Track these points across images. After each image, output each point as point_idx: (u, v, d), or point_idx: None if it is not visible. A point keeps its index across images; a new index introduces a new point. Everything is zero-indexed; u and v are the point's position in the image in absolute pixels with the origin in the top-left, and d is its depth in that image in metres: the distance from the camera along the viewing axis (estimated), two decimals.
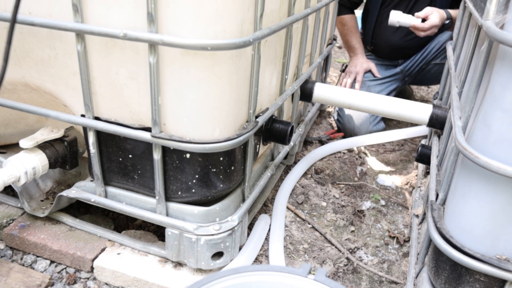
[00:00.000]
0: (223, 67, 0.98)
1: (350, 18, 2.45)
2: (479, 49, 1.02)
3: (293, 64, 1.51)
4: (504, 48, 0.82)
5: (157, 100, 0.99)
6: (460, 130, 0.99)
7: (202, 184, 1.11)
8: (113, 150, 1.13)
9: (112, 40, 0.99)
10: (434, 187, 1.20)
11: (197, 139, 1.04)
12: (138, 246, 1.24)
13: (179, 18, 0.91)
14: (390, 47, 2.45)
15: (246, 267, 0.79)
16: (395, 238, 1.56)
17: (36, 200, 1.35)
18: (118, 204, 1.19)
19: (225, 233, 1.15)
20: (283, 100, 1.39)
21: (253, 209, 1.41)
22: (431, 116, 1.56)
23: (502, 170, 0.83)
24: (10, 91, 1.22)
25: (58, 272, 1.22)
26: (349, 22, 2.45)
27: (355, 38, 2.47)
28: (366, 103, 1.62)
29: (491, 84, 0.87)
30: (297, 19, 1.30)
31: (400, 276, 1.38)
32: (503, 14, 0.89)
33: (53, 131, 1.24)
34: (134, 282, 1.17)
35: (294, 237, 1.47)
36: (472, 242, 0.94)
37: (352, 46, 2.48)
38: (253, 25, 1.02)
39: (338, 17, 2.42)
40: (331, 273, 1.34)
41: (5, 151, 1.40)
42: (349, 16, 2.44)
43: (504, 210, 0.88)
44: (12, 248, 1.27)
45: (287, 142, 1.34)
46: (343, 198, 1.72)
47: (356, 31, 2.47)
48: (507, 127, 0.84)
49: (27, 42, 1.09)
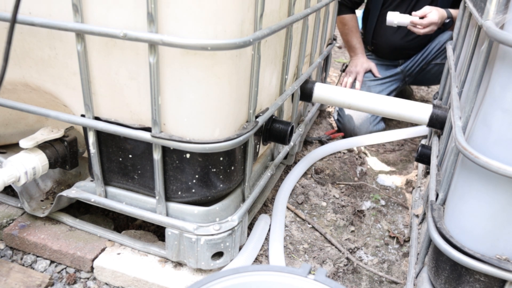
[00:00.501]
0: (223, 67, 0.98)
1: (351, 18, 2.44)
2: (479, 49, 1.02)
3: (293, 64, 1.51)
4: (504, 48, 0.82)
5: (157, 100, 0.99)
6: (460, 130, 0.99)
7: (202, 184, 1.11)
8: (113, 150, 1.13)
9: (112, 40, 0.99)
10: (434, 187, 1.20)
11: (197, 139, 1.04)
12: (138, 246, 1.24)
13: (179, 18, 0.91)
14: (390, 47, 2.45)
15: (246, 267, 0.79)
16: (395, 238, 1.56)
17: (36, 200, 1.35)
18: (118, 204, 1.19)
19: (225, 233, 1.15)
20: (283, 100, 1.39)
21: (253, 209, 1.41)
22: (431, 116, 1.56)
23: (502, 170, 0.83)
24: (10, 91, 1.22)
25: (58, 272, 1.22)
26: (350, 22, 2.44)
27: (355, 38, 2.46)
28: (366, 103, 1.62)
29: (491, 84, 0.87)
30: (297, 19, 1.30)
31: (400, 276, 1.38)
32: (503, 14, 0.89)
33: (53, 131, 1.24)
34: (134, 282, 1.17)
35: (294, 237, 1.47)
36: (472, 242, 0.94)
37: (353, 46, 2.48)
38: (253, 25, 1.02)
39: (339, 17, 2.42)
40: (331, 273, 1.34)
41: (5, 151, 1.40)
42: (350, 16, 2.44)
43: (504, 210, 0.88)
44: (12, 248, 1.27)
45: (287, 142, 1.34)
46: (343, 198, 1.72)
47: (356, 31, 2.47)
48: (507, 127, 0.84)
49: (27, 42, 1.09)
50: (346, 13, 2.43)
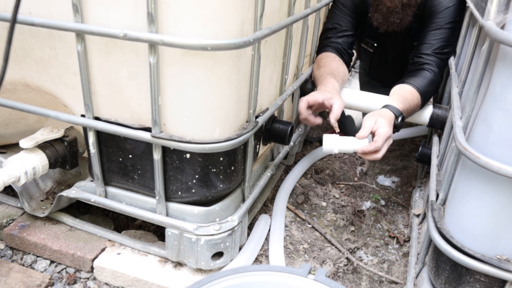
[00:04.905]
0: (223, 67, 0.98)
1: (333, 58, 1.70)
2: (480, 49, 1.02)
3: (293, 64, 1.51)
4: (505, 48, 0.82)
5: (157, 100, 0.99)
6: (461, 130, 0.99)
7: (202, 184, 1.11)
8: (113, 150, 1.13)
9: (112, 40, 0.99)
10: (434, 187, 1.20)
11: (197, 139, 1.04)
12: (138, 246, 1.24)
13: (179, 18, 0.91)
14: (392, 83, 1.69)
15: (246, 267, 0.79)
16: (395, 238, 1.56)
17: (36, 200, 1.35)
18: (118, 204, 1.19)
19: (225, 233, 1.15)
20: (283, 100, 1.39)
21: (253, 209, 1.41)
22: (432, 116, 1.56)
23: (503, 170, 0.83)
24: (10, 91, 1.22)
25: (58, 272, 1.22)
26: (332, 61, 1.68)
27: (328, 71, 1.63)
28: (367, 103, 1.62)
29: (491, 84, 0.87)
30: (297, 19, 1.30)
31: (400, 276, 1.38)
32: (504, 14, 0.89)
33: (53, 131, 1.24)
34: (134, 282, 1.17)
35: (294, 237, 1.47)
36: (472, 242, 0.94)
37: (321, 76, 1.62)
38: (253, 25, 1.02)
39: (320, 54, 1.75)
40: (331, 273, 1.34)
41: (5, 151, 1.40)
42: (333, 55, 1.71)
43: (504, 210, 0.88)
44: (12, 248, 1.27)
45: (287, 142, 1.34)
46: (343, 198, 1.72)
47: (332, 69, 1.64)
48: (508, 127, 0.84)
49: (27, 42, 1.09)
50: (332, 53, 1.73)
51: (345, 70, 1.68)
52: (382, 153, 1.35)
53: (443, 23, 1.61)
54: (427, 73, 1.57)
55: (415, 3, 1.64)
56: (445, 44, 1.60)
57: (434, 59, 1.59)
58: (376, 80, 2.29)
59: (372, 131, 1.36)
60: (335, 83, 1.54)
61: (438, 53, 1.60)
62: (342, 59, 1.70)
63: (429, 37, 1.62)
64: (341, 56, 1.71)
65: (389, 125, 1.37)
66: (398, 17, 1.66)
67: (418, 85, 1.53)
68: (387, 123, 1.36)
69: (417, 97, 1.51)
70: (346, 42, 1.74)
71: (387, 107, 1.44)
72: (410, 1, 1.63)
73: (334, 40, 1.73)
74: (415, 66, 1.61)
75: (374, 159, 1.36)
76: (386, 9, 1.67)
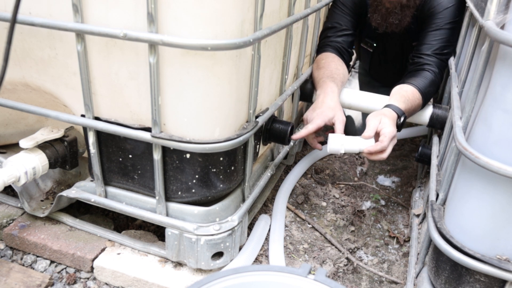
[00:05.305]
0: (223, 67, 0.98)
1: (333, 58, 1.68)
2: (480, 49, 1.02)
3: (293, 64, 1.51)
4: (505, 48, 0.82)
5: (157, 100, 0.99)
6: (461, 130, 0.99)
7: (202, 184, 1.11)
8: (113, 150, 1.13)
9: (112, 40, 0.99)
10: (434, 187, 1.20)
11: (197, 139, 1.04)
12: (138, 246, 1.24)
13: (179, 18, 0.91)
14: (392, 83, 1.67)
15: (246, 267, 0.79)
16: (395, 238, 1.56)
17: (36, 200, 1.35)
18: (118, 204, 1.19)
19: (225, 233, 1.15)
20: (283, 100, 1.39)
21: (253, 209, 1.41)
22: (432, 116, 1.56)
23: (503, 170, 0.83)
24: (10, 91, 1.22)
25: (58, 272, 1.22)
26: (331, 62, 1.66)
27: (328, 72, 1.62)
28: (367, 103, 1.62)
29: (491, 84, 0.87)
30: (297, 19, 1.30)
31: (400, 276, 1.38)
32: (503, 14, 0.89)
33: (53, 131, 1.24)
34: (134, 282, 1.17)
35: (294, 237, 1.47)
36: (472, 242, 0.94)
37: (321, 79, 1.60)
38: (253, 25, 1.02)
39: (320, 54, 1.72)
40: (331, 273, 1.34)
41: (5, 151, 1.40)
42: (332, 55, 1.70)
43: (504, 210, 0.88)
44: (12, 248, 1.27)
45: (287, 142, 1.34)
46: (343, 198, 1.72)
47: (331, 69, 1.63)
48: (508, 127, 0.84)
49: (27, 42, 1.09)
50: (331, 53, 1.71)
51: (345, 71, 1.67)
52: (388, 153, 1.35)
53: (443, 23, 1.61)
54: (428, 74, 1.57)
55: (414, 4, 1.64)
56: (445, 45, 1.60)
57: (434, 60, 1.59)
58: (376, 80, 2.29)
59: (377, 131, 1.36)
60: (334, 87, 1.53)
61: (438, 53, 1.60)
62: (341, 58, 1.70)
63: (429, 38, 1.62)
64: (340, 56, 1.70)
65: (393, 124, 1.37)
66: (397, 18, 1.67)
67: (419, 85, 1.53)
68: (391, 123, 1.36)
69: (419, 98, 1.51)
70: (346, 41, 1.74)
71: (390, 107, 1.44)
72: (409, 2, 1.63)
73: (334, 39, 1.73)
74: (415, 67, 1.61)
75: (380, 159, 1.35)
76: (385, 10, 1.67)
